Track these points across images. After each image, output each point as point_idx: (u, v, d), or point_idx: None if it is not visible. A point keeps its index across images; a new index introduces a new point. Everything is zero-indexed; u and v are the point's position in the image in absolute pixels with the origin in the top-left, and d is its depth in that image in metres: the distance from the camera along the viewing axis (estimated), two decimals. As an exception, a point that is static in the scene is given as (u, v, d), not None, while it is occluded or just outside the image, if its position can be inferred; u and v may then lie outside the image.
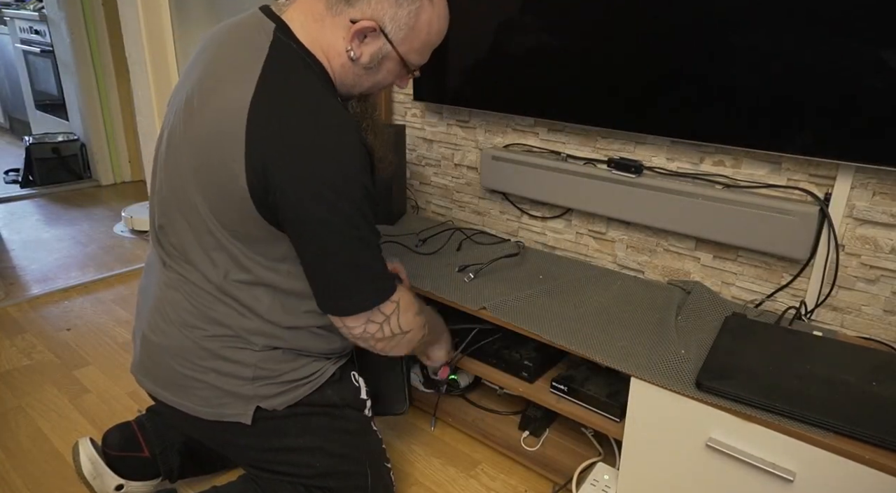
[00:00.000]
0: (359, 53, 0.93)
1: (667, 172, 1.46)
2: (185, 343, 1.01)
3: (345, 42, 0.92)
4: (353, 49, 0.92)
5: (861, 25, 1.10)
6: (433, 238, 1.75)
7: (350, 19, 0.90)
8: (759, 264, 1.39)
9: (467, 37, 1.67)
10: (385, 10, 0.90)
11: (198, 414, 1.03)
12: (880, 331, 1.27)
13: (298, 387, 1.06)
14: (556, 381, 1.30)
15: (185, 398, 1.03)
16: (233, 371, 1.01)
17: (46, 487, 1.33)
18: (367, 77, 0.98)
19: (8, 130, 4.73)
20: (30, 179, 3.39)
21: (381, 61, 0.96)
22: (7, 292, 2.20)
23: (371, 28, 0.91)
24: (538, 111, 1.60)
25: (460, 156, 1.89)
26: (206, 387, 1.01)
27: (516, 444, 1.44)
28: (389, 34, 0.92)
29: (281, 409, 1.05)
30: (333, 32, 0.92)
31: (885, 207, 1.20)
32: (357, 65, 0.95)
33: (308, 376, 1.07)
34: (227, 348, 1.01)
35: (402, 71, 1.00)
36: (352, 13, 0.90)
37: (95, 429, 1.51)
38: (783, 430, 0.98)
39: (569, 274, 1.55)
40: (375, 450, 1.18)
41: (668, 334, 1.25)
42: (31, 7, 3.66)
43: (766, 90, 1.22)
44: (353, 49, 0.92)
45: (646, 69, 1.37)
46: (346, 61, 0.94)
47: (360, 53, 0.93)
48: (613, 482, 1.25)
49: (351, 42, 0.92)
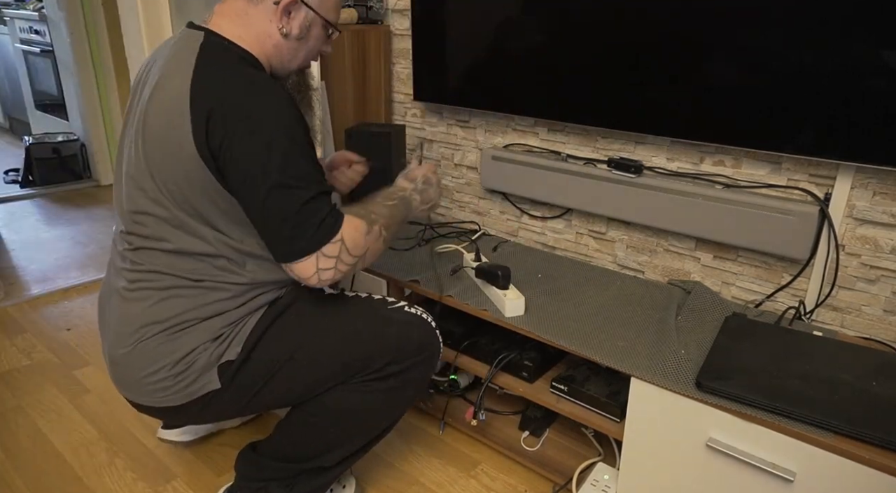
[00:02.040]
0: (289, 27, 1.08)
1: (667, 172, 1.46)
2: (144, 349, 1.03)
3: (274, 23, 1.06)
4: (283, 26, 1.07)
5: (861, 25, 1.10)
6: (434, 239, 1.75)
7: (273, 2, 1.05)
8: (760, 264, 1.39)
9: (467, 37, 1.67)
10: None
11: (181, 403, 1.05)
12: (880, 331, 1.27)
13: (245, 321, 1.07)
14: (556, 381, 1.30)
15: (153, 400, 1.06)
16: (186, 357, 1.04)
17: (46, 487, 1.33)
18: (301, 47, 1.12)
19: (8, 130, 4.73)
20: (30, 179, 3.39)
21: (309, 29, 1.11)
22: (7, 292, 2.20)
23: (292, 2, 1.05)
24: (538, 111, 1.60)
25: (460, 156, 1.89)
26: (168, 378, 1.04)
27: (516, 444, 1.44)
28: (308, 2, 1.08)
29: (239, 349, 1.05)
30: (260, 20, 1.06)
31: (885, 207, 1.20)
32: (290, 39, 1.09)
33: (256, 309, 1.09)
34: (179, 335, 1.04)
35: (326, 33, 1.14)
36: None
37: (95, 429, 1.51)
38: (783, 430, 0.98)
39: (569, 274, 1.55)
40: (367, 309, 1.15)
41: (668, 334, 1.25)
42: (31, 7, 3.66)
43: (766, 90, 1.22)
44: (284, 26, 1.07)
45: (646, 69, 1.37)
46: (278, 40, 1.08)
47: (291, 27, 1.08)
48: (613, 482, 1.25)
49: (280, 21, 1.06)
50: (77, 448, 1.45)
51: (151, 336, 1.02)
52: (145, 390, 1.04)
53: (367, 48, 1.88)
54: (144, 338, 1.02)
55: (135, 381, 1.04)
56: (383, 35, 1.91)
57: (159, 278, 1.03)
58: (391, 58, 1.97)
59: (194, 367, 1.02)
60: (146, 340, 1.02)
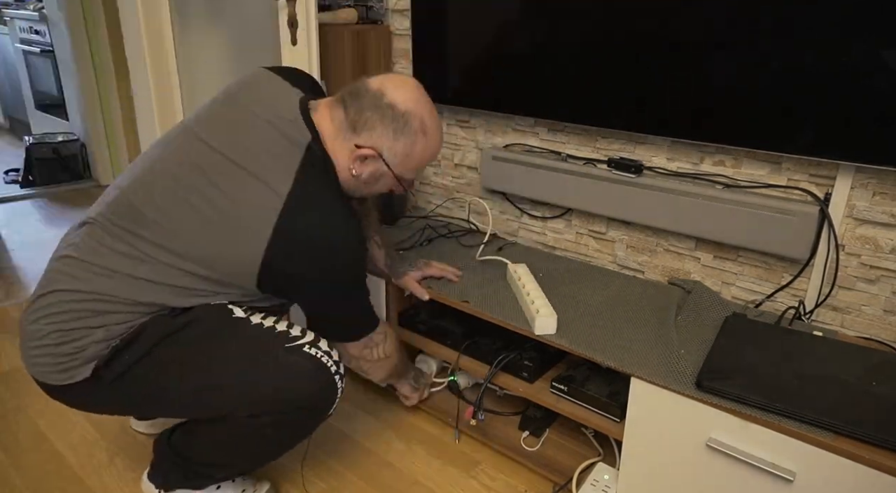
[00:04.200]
0: (359, 172, 1.10)
1: (667, 172, 1.46)
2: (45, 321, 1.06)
3: (349, 161, 1.09)
4: (354, 168, 1.09)
5: (861, 25, 1.10)
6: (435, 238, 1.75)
7: (355, 144, 1.07)
8: (760, 264, 1.39)
9: (467, 37, 1.67)
10: (384, 141, 1.07)
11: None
12: (880, 331, 1.27)
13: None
14: (556, 381, 1.30)
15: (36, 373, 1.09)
16: (75, 342, 1.05)
17: (46, 487, 1.33)
18: (366, 188, 1.15)
19: (8, 130, 4.73)
20: (30, 179, 3.39)
21: (379, 178, 1.12)
22: (7, 292, 2.20)
23: (371, 155, 1.07)
24: (538, 111, 1.60)
25: (460, 156, 1.89)
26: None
27: (516, 444, 1.44)
28: (387, 160, 1.09)
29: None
30: (342, 151, 1.09)
31: (885, 207, 1.20)
32: (358, 180, 1.11)
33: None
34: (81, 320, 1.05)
35: (398, 184, 1.15)
36: (357, 140, 1.07)
37: (95, 429, 1.51)
38: (783, 430, 0.98)
39: (569, 274, 1.55)
40: (258, 347, 1.08)
41: (668, 334, 1.25)
42: (31, 7, 3.66)
43: (766, 90, 1.22)
44: (355, 168, 1.09)
45: (646, 69, 1.37)
46: (347, 176, 1.10)
47: (361, 172, 1.10)
48: (613, 482, 1.25)
49: (353, 162, 1.08)
50: (77, 448, 1.45)
51: (56, 313, 1.03)
52: (31, 360, 1.05)
53: (367, 48, 1.88)
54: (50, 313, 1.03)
55: (26, 349, 1.06)
56: (383, 35, 1.91)
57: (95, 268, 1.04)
58: (391, 58, 1.97)
59: (83, 355, 1.02)
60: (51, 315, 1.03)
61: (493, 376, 1.38)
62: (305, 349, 1.08)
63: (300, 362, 1.07)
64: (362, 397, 1.64)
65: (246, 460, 1.19)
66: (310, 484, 1.35)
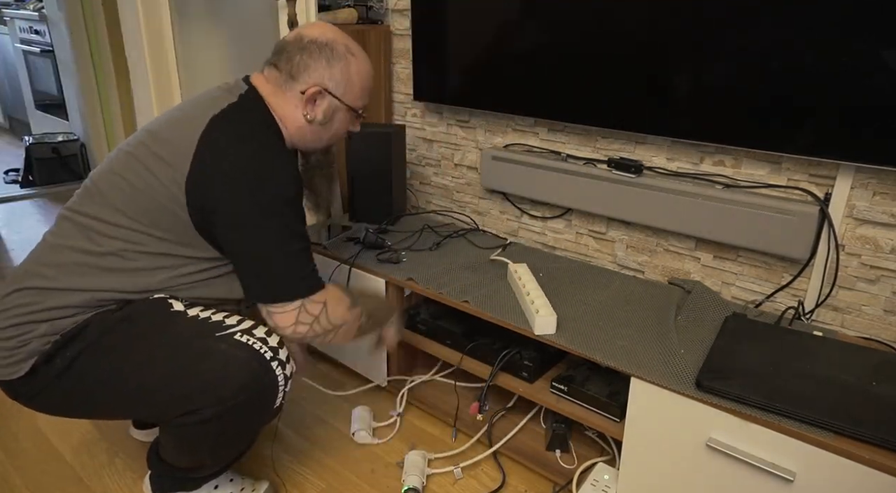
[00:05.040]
0: (314, 114, 1.15)
1: (667, 172, 1.46)
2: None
3: (300, 109, 1.14)
4: (308, 112, 1.15)
5: (861, 25, 1.10)
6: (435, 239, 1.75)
7: (300, 91, 1.13)
8: (760, 264, 1.39)
9: (467, 37, 1.67)
10: (323, 74, 1.14)
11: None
12: (880, 331, 1.27)
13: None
14: (557, 381, 1.30)
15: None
16: (21, 336, 1.06)
17: (46, 487, 1.33)
18: (325, 131, 1.19)
19: (8, 130, 4.73)
20: (30, 179, 3.39)
21: (333, 114, 1.18)
22: (7, 292, 2.19)
23: (318, 91, 1.13)
24: (538, 111, 1.60)
25: (460, 156, 1.89)
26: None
27: (516, 443, 1.44)
28: (332, 91, 1.15)
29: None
30: (288, 105, 1.14)
31: (885, 207, 1.20)
32: (314, 124, 1.16)
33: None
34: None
35: (352, 116, 1.21)
36: (299, 86, 1.13)
37: (95, 429, 1.51)
38: (783, 430, 0.98)
39: (569, 274, 1.55)
40: (189, 339, 1.04)
41: (668, 333, 1.25)
42: (31, 7, 3.66)
43: (766, 90, 1.22)
44: (309, 112, 1.15)
45: (646, 69, 1.37)
46: (302, 124, 1.15)
47: (315, 114, 1.15)
48: (613, 482, 1.25)
49: (305, 108, 1.14)
50: (77, 448, 1.45)
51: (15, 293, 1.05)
52: None
53: (367, 48, 1.88)
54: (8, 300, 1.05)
55: None
56: (383, 35, 1.91)
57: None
58: (391, 58, 1.97)
59: (26, 349, 1.02)
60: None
61: (494, 377, 1.38)
62: (237, 337, 1.04)
63: (229, 350, 1.02)
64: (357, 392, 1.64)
65: (216, 457, 1.15)
66: (309, 484, 1.35)
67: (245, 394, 1.02)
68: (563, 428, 1.42)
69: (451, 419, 1.53)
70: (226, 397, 1.01)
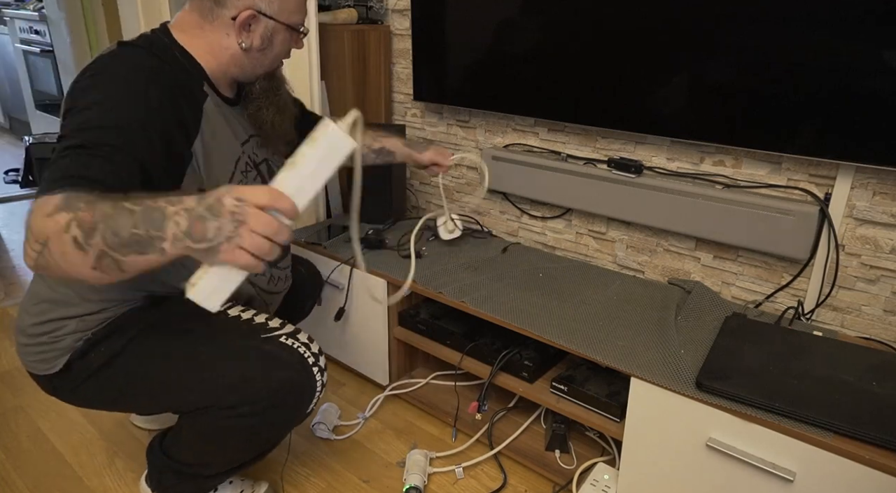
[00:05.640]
0: (250, 41, 1.04)
1: (667, 172, 1.46)
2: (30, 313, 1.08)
3: (233, 37, 1.03)
4: (244, 40, 1.04)
5: (861, 25, 1.10)
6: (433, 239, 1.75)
7: (230, 17, 1.02)
8: (760, 264, 1.39)
9: (467, 37, 1.67)
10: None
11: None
12: (880, 331, 1.27)
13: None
14: (557, 381, 1.30)
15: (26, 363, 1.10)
16: (54, 332, 1.06)
17: (46, 487, 1.33)
18: (265, 56, 1.08)
19: (8, 130, 4.72)
20: (30, 179, 3.38)
21: (272, 37, 1.07)
22: (7, 292, 2.20)
23: (251, 16, 1.02)
24: (538, 111, 1.60)
25: (460, 156, 1.89)
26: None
27: (516, 444, 1.44)
28: (266, 11, 1.03)
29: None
30: (215, 36, 1.03)
31: (885, 207, 1.20)
32: (251, 51, 1.05)
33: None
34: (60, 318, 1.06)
35: (293, 35, 1.10)
36: (227, 12, 1.02)
37: (95, 428, 1.51)
38: (783, 430, 0.98)
39: (569, 274, 1.55)
40: (233, 339, 1.06)
41: (668, 334, 1.25)
42: (31, 7, 3.66)
43: (766, 90, 1.23)
44: (244, 40, 1.04)
45: (646, 69, 1.37)
46: (236, 52, 1.04)
47: (252, 40, 1.04)
48: (613, 482, 1.25)
49: (240, 35, 1.03)
50: (77, 448, 1.45)
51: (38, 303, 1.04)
52: (20, 351, 1.07)
53: (367, 48, 1.88)
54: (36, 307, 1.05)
55: (17, 342, 1.07)
56: (383, 35, 1.91)
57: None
58: (391, 58, 1.97)
59: (59, 345, 1.03)
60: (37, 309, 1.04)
61: (494, 377, 1.38)
62: (282, 340, 1.07)
63: (276, 351, 1.05)
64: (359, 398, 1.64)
65: (233, 456, 1.17)
66: (309, 484, 1.35)
67: (284, 394, 1.05)
68: (563, 428, 1.42)
69: (451, 418, 1.53)
70: (269, 395, 1.03)
